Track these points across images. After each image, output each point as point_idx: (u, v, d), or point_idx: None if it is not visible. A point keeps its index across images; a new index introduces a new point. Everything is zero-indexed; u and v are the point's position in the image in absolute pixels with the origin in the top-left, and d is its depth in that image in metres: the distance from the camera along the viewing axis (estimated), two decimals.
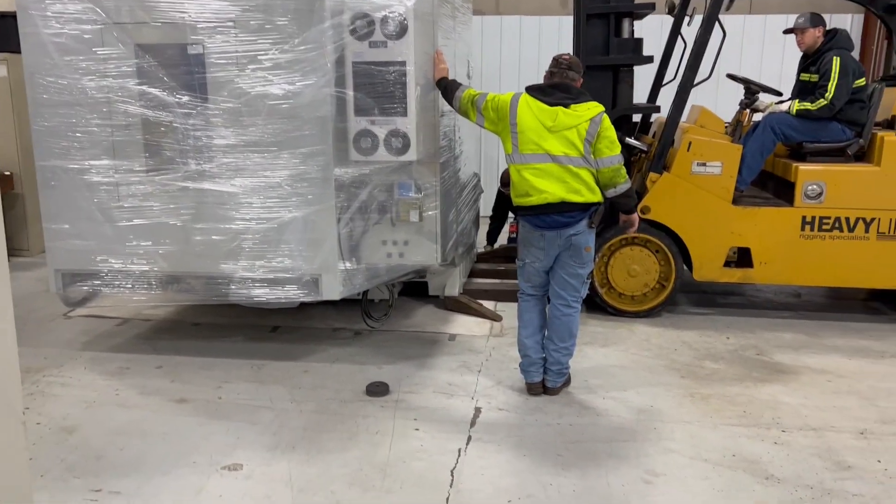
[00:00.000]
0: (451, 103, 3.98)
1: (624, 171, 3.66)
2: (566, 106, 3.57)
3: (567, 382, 3.94)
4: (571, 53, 3.82)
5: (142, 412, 3.66)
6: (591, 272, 3.81)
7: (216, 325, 4.91)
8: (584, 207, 3.61)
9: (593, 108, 3.59)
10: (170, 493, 2.96)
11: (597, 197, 3.64)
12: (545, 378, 3.87)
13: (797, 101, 4.94)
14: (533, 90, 3.68)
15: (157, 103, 3.90)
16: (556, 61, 3.72)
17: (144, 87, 3.90)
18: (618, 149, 3.61)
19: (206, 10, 3.79)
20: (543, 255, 3.71)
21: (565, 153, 3.54)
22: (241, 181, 3.93)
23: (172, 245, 4.05)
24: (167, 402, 3.78)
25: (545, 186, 3.57)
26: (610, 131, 3.59)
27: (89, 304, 4.75)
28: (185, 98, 3.88)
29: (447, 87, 3.98)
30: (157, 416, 3.63)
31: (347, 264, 4.08)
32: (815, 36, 5.04)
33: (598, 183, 3.65)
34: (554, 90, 3.64)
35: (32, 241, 6.50)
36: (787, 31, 5.26)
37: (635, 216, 3.89)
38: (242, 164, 3.91)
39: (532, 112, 3.59)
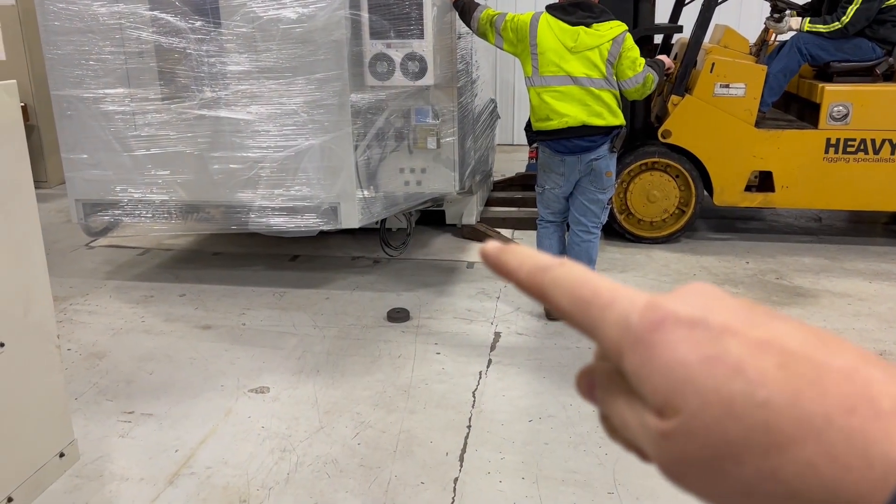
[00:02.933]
0: (468, 24, 3.87)
1: (651, 77, 3.52)
2: (588, 25, 3.46)
3: None
4: None
5: (168, 338, 3.74)
6: (611, 198, 3.78)
7: (236, 255, 4.96)
8: (606, 131, 3.55)
9: (616, 28, 3.48)
10: (200, 414, 3.05)
11: (619, 120, 3.57)
12: None
13: (808, 19, 4.77)
14: (554, 9, 3.57)
15: (169, 29, 3.83)
16: None
17: (156, 13, 3.83)
18: (641, 66, 3.50)
19: None
20: (563, 181, 3.67)
21: (587, 74, 3.46)
22: (257, 108, 3.89)
23: (190, 174, 4.05)
24: (192, 328, 3.86)
25: (566, 110, 3.50)
26: (633, 51, 3.49)
27: (110, 233, 4.80)
28: (198, 23, 3.80)
29: (464, 8, 3.87)
30: (184, 341, 3.71)
31: (365, 192, 4.07)
32: None
33: (619, 105, 3.58)
34: (575, 9, 3.53)
35: (51, 172, 6.53)
36: None
37: (665, 57, 3.83)
38: (257, 90, 3.86)
39: (553, 32, 3.49)
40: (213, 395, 3.20)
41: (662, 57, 3.83)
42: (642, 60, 3.51)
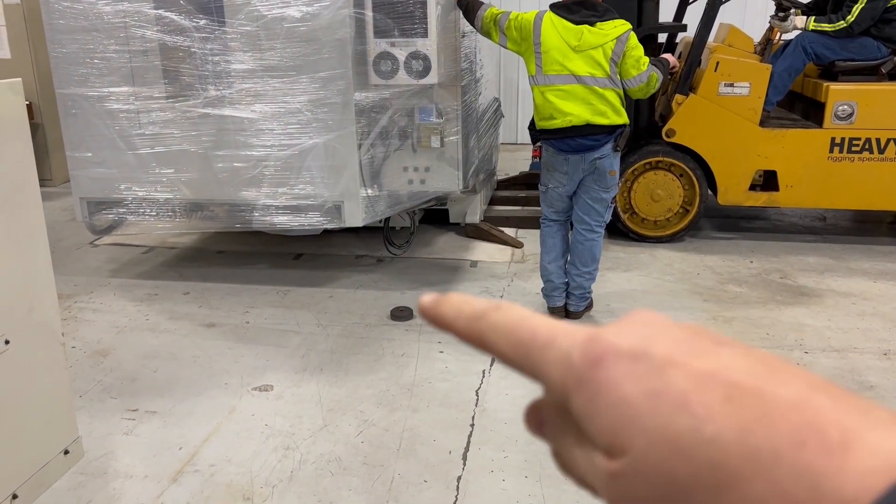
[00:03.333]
0: (472, 23, 3.87)
1: (655, 76, 3.52)
2: (592, 24, 3.46)
3: (589, 307, 3.96)
4: None
5: (172, 336, 3.75)
6: (615, 196, 3.77)
7: (240, 253, 4.96)
8: (610, 130, 3.55)
9: (620, 27, 3.47)
10: (204, 412, 3.05)
11: (622, 119, 3.57)
12: (567, 302, 3.89)
13: (813, 18, 4.76)
14: (557, 8, 3.56)
15: (174, 28, 3.84)
16: None
17: (161, 11, 3.83)
18: (645, 65, 3.49)
19: None
20: (567, 180, 3.67)
21: (591, 73, 3.45)
22: (261, 107, 3.90)
23: (194, 172, 4.06)
24: (196, 326, 3.86)
25: (570, 109, 3.49)
26: (637, 50, 3.48)
27: (115, 232, 4.82)
28: (202, 22, 3.81)
29: (468, 7, 3.86)
30: (188, 339, 3.71)
31: (369, 191, 4.07)
32: None
33: (623, 104, 3.57)
34: (579, 7, 3.52)
35: (55, 170, 6.54)
36: None
37: (670, 56, 3.83)
38: (262, 89, 3.87)
39: (556, 31, 3.48)
40: (217, 393, 3.21)
41: (667, 55, 3.82)
42: (646, 59, 3.50)
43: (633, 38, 3.48)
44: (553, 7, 3.58)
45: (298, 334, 3.76)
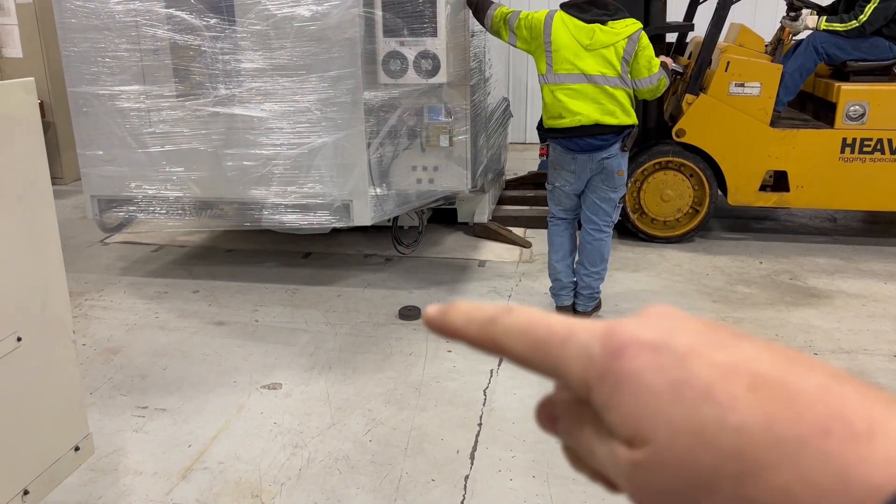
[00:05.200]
0: (482, 22, 3.86)
1: (664, 80, 3.55)
2: (603, 23, 3.45)
3: (598, 307, 3.95)
4: None
5: (182, 334, 3.77)
6: (623, 196, 3.77)
7: (249, 251, 4.98)
8: (618, 130, 3.54)
9: (631, 26, 3.47)
10: (213, 410, 3.07)
11: (631, 119, 3.56)
12: (576, 302, 3.89)
13: (825, 18, 4.74)
14: (568, 7, 3.56)
15: (184, 26, 3.85)
16: None
17: (172, 10, 3.85)
18: (657, 66, 3.49)
19: None
20: (574, 179, 3.67)
21: (602, 73, 3.45)
22: (271, 106, 3.91)
23: (204, 171, 4.07)
24: (206, 324, 3.88)
25: (579, 108, 3.49)
26: (648, 49, 3.48)
27: (125, 230, 4.84)
28: (213, 20, 3.82)
29: (478, 6, 3.85)
30: (197, 337, 3.73)
31: (378, 190, 4.08)
32: None
33: (633, 104, 3.57)
34: (591, 6, 3.52)
35: (66, 168, 6.58)
36: None
37: (666, 58, 3.83)
38: (271, 88, 3.88)
39: (568, 29, 3.48)
40: (226, 390, 3.22)
41: (662, 57, 3.81)
42: (657, 61, 3.51)
43: (645, 38, 3.47)
44: (564, 6, 3.57)
45: (307, 333, 3.77)
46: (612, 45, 3.43)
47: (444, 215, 5.35)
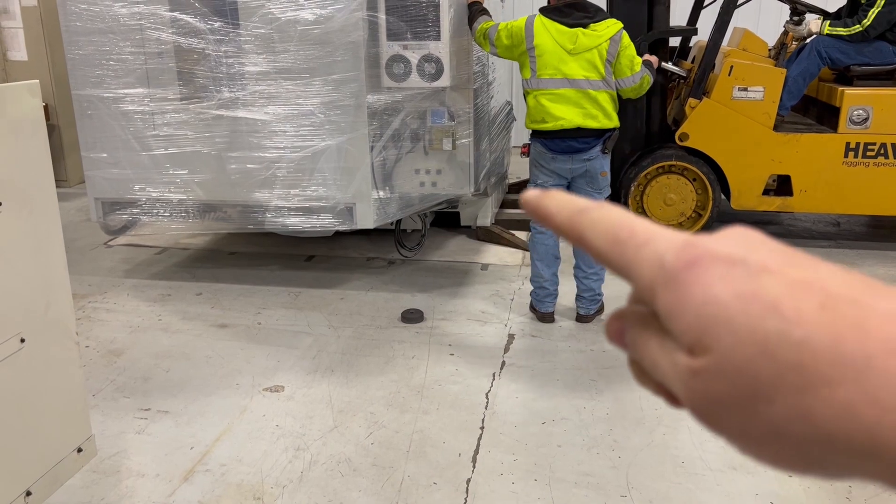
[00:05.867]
0: (471, 33, 3.91)
1: (648, 78, 3.59)
2: (585, 26, 3.48)
3: (601, 310, 3.95)
4: None
5: (185, 336, 3.77)
6: (608, 197, 3.79)
7: (252, 254, 4.99)
8: (599, 133, 3.57)
9: (612, 26, 3.50)
10: (215, 412, 3.07)
11: (613, 122, 3.59)
12: (578, 305, 3.89)
13: (828, 22, 4.74)
14: (549, 11, 3.58)
15: (188, 30, 3.87)
16: None
17: (176, 14, 3.87)
18: (639, 65, 3.54)
19: None
20: (555, 178, 3.69)
21: (586, 77, 3.48)
22: (274, 109, 3.92)
23: (208, 174, 4.09)
24: (209, 327, 3.89)
25: (561, 113, 3.52)
26: (630, 49, 3.51)
27: (129, 232, 4.85)
28: (217, 24, 3.84)
29: (472, 16, 3.89)
30: (200, 340, 3.74)
31: (381, 193, 4.09)
32: None
33: (615, 107, 3.60)
34: (571, 10, 3.54)
35: (70, 171, 6.61)
36: None
37: (653, 57, 3.85)
38: (275, 91, 3.89)
39: (550, 34, 3.51)
40: (229, 393, 3.22)
41: (651, 56, 3.84)
42: (639, 60, 3.55)
43: (626, 37, 3.51)
44: (544, 11, 3.60)
45: (310, 335, 3.77)
46: (595, 47, 3.46)
47: (446, 218, 5.36)
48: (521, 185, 6.29)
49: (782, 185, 4.94)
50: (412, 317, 3.94)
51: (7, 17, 6.38)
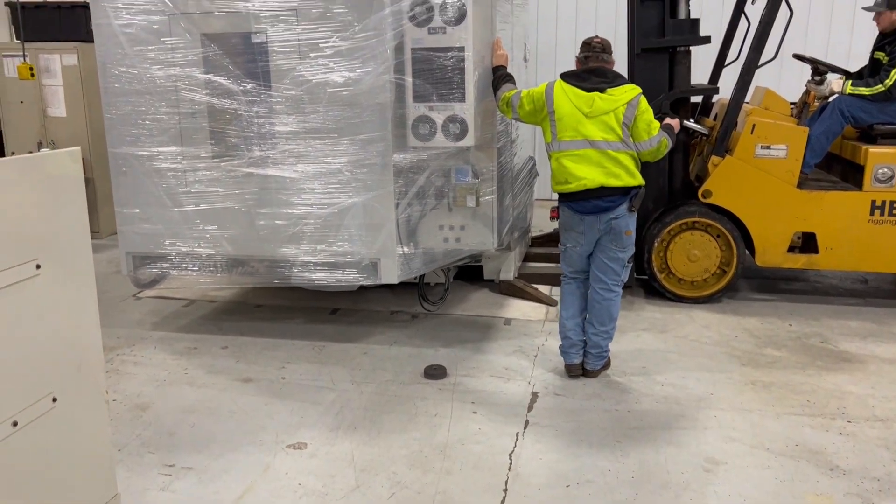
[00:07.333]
0: (495, 100, 4.00)
1: (665, 142, 3.64)
2: (602, 90, 3.56)
3: (607, 365, 3.94)
4: (601, 36, 3.81)
5: (210, 391, 3.81)
6: (632, 256, 3.80)
7: (278, 307, 5.04)
8: (625, 191, 3.61)
9: (630, 91, 3.57)
10: (238, 469, 3.08)
11: (637, 181, 3.63)
12: (585, 360, 3.89)
13: (850, 82, 4.78)
14: (568, 76, 3.68)
15: (222, 91, 4.00)
16: (589, 45, 3.73)
17: (210, 76, 4.01)
18: (656, 129, 3.60)
19: (269, 0, 3.86)
20: (584, 240, 3.72)
21: (604, 138, 3.54)
22: (303, 167, 4.02)
23: (237, 229, 4.17)
24: (234, 381, 3.92)
25: (584, 173, 3.57)
26: (648, 113, 3.58)
27: (158, 285, 4.93)
28: (249, 86, 3.97)
29: (497, 83, 3.99)
30: (225, 394, 3.76)
31: (405, 248, 4.14)
32: (891, 19, 4.85)
33: (637, 166, 3.64)
34: (589, 75, 3.64)
35: (103, 223, 6.77)
36: (865, 8, 5.08)
37: (675, 121, 3.91)
38: (304, 150, 3.99)
39: (569, 98, 3.60)
40: (252, 449, 3.23)
41: (672, 120, 3.90)
42: (657, 124, 3.62)
43: (644, 102, 3.58)
44: (564, 76, 3.70)
45: (333, 391, 3.79)
46: (612, 111, 3.53)
47: (470, 272, 5.38)
48: (544, 239, 6.32)
49: (808, 242, 4.91)
50: (435, 373, 3.94)
51: (49, 75, 6.64)
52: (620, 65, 3.88)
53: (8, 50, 6.76)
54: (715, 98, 5.67)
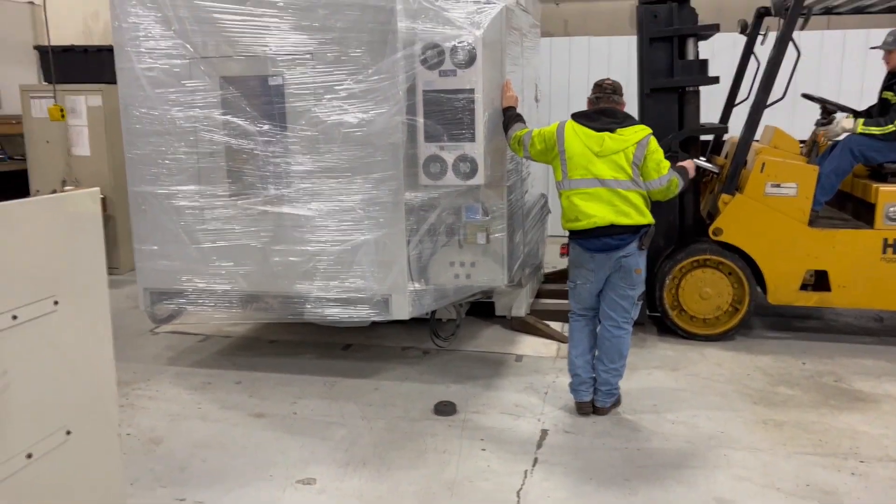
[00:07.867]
0: (506, 139, 4.09)
1: (676, 181, 3.68)
2: (612, 131, 3.63)
3: (617, 402, 3.94)
4: (612, 78, 3.90)
5: (222, 426, 3.85)
6: (642, 294, 3.82)
7: (291, 343, 5.10)
8: (634, 230, 3.65)
9: (640, 132, 3.64)
10: None
11: (646, 219, 3.67)
12: (594, 398, 3.89)
13: (862, 121, 4.81)
14: (579, 117, 3.76)
15: (239, 132, 4.12)
16: (600, 87, 3.80)
17: (228, 117, 4.13)
18: (666, 168, 3.65)
19: (286, 44, 4.00)
20: (594, 277, 3.75)
21: (614, 177, 3.60)
22: (318, 205, 4.11)
23: (252, 265, 4.25)
24: (246, 416, 3.96)
25: (594, 211, 3.62)
26: (658, 153, 3.63)
27: (174, 321, 5.01)
28: (266, 127, 4.09)
29: (507, 123, 4.08)
30: (237, 429, 3.80)
31: (416, 285, 4.19)
32: None
33: (647, 205, 3.68)
34: (600, 115, 3.71)
35: (123, 259, 6.89)
36: (874, 48, 5.14)
37: (689, 163, 3.97)
38: (318, 189, 4.09)
39: (579, 138, 3.67)
40: (263, 485, 3.26)
41: (686, 163, 3.95)
42: (667, 164, 3.67)
43: (654, 143, 3.64)
44: (574, 116, 3.78)
45: (343, 427, 3.81)
46: (622, 150, 3.60)
47: (481, 308, 5.41)
48: (556, 276, 6.35)
49: (820, 280, 4.91)
50: (445, 409, 3.96)
51: (74, 115, 6.85)
52: (632, 105, 3.95)
53: (36, 92, 6.99)
54: (727, 136, 5.72)
